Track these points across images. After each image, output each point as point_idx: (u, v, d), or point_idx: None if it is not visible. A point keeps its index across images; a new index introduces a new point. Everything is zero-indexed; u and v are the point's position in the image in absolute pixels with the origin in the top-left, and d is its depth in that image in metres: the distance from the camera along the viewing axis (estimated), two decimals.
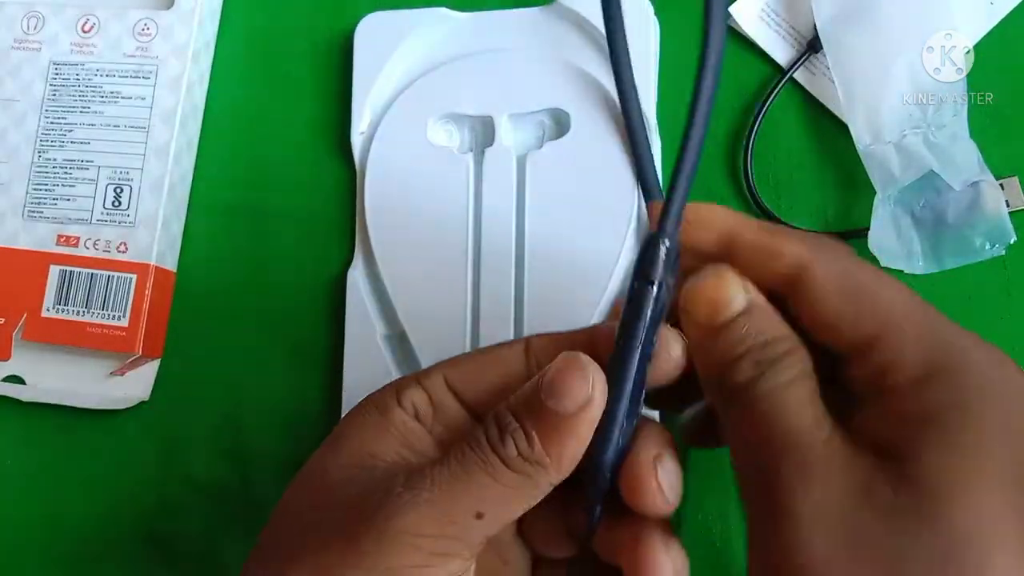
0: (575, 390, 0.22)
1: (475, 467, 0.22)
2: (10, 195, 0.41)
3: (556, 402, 0.22)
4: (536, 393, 0.22)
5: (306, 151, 0.41)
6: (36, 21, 0.42)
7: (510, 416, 0.23)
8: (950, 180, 0.34)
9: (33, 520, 0.40)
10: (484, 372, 0.25)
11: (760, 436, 0.22)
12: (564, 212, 0.36)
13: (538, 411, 0.22)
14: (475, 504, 0.22)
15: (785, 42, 0.39)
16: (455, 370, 0.25)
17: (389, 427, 0.24)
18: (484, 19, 0.39)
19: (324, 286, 0.40)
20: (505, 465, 0.22)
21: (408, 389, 0.25)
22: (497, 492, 0.22)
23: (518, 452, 0.22)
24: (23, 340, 0.39)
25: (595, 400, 0.22)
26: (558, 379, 0.22)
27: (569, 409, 0.22)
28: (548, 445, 0.22)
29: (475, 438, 0.23)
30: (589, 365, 0.22)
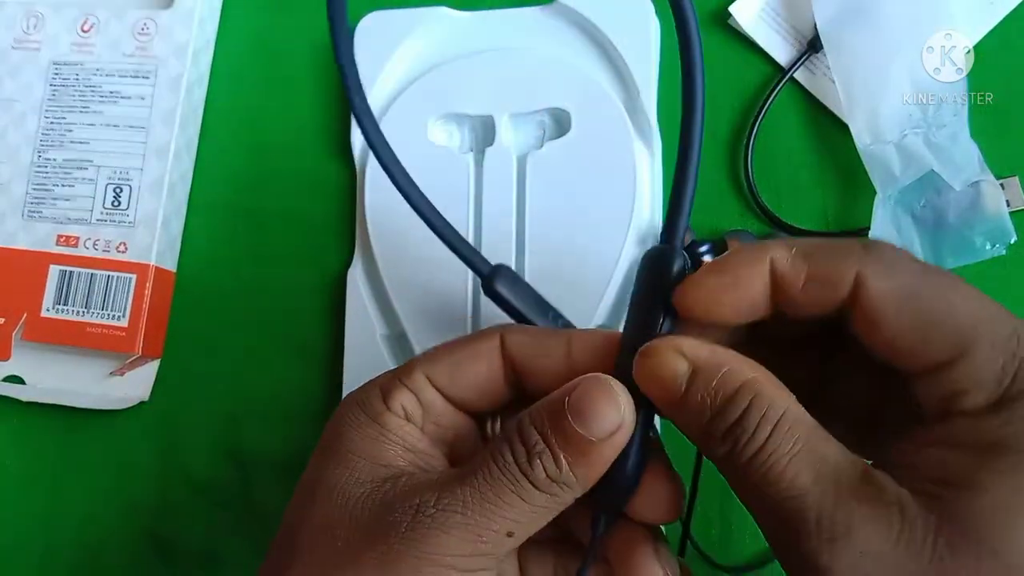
0: (606, 417, 0.22)
1: (505, 489, 0.22)
2: (10, 195, 0.41)
3: (586, 428, 0.22)
4: (563, 414, 0.22)
5: (306, 151, 0.41)
6: (36, 21, 0.42)
7: (536, 436, 0.22)
8: (950, 180, 0.34)
9: (33, 520, 0.40)
10: (462, 368, 0.25)
11: (760, 503, 0.21)
12: (564, 212, 0.36)
13: (566, 434, 0.22)
14: (506, 525, 0.22)
15: (785, 42, 0.39)
16: (434, 367, 0.25)
17: (386, 433, 0.24)
18: (484, 19, 0.39)
19: (324, 286, 0.39)
20: (535, 487, 0.22)
21: (394, 391, 0.25)
22: (525, 512, 0.22)
23: (547, 475, 0.22)
24: (23, 340, 0.39)
25: (625, 426, 0.22)
26: (587, 404, 0.22)
27: (600, 436, 0.22)
28: (575, 467, 0.22)
29: (501, 456, 0.23)
30: (619, 391, 0.22)
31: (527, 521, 0.23)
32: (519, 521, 0.22)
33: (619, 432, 0.22)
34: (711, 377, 0.22)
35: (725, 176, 0.38)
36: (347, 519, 0.23)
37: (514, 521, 0.22)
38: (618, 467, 0.23)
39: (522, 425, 0.23)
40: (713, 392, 0.22)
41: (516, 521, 0.22)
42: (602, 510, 0.24)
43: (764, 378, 0.22)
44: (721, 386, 0.22)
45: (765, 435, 0.21)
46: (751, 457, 0.21)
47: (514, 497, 0.22)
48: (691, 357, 0.22)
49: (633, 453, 0.23)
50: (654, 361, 0.22)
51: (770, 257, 0.22)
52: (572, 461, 0.22)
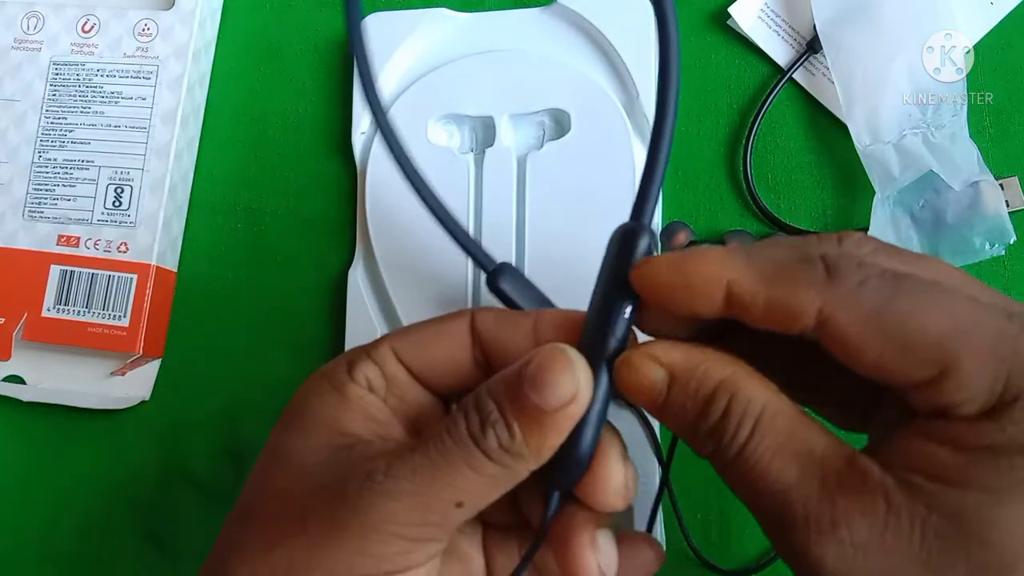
0: (561, 386, 0.22)
1: (456, 458, 0.22)
2: (10, 195, 0.41)
3: (540, 396, 0.22)
4: (519, 384, 0.22)
5: (306, 151, 0.41)
6: (36, 21, 0.42)
7: (492, 405, 0.22)
8: (950, 180, 0.34)
9: (33, 519, 0.40)
10: (430, 344, 0.25)
11: (751, 499, 0.21)
12: (564, 212, 0.36)
13: (521, 403, 0.22)
14: (456, 494, 0.22)
15: (784, 42, 0.39)
16: (402, 342, 0.25)
17: (348, 402, 0.24)
18: (484, 19, 0.39)
19: (324, 286, 0.40)
20: (486, 456, 0.22)
21: (359, 363, 0.25)
22: (476, 482, 0.22)
23: (499, 444, 0.22)
24: (23, 340, 0.40)
25: (580, 397, 0.22)
26: (543, 373, 0.22)
27: (553, 405, 0.22)
28: (529, 437, 0.22)
29: (454, 426, 0.22)
30: (576, 360, 0.22)
31: (478, 492, 0.22)
32: (469, 491, 0.22)
33: (573, 403, 0.22)
34: (687, 381, 0.22)
35: (724, 176, 0.38)
36: (300, 485, 0.23)
37: (464, 491, 0.22)
38: (571, 443, 0.23)
39: (479, 395, 0.23)
40: (691, 395, 0.22)
41: (466, 491, 0.22)
42: (553, 488, 0.24)
43: (741, 374, 0.22)
44: (698, 388, 0.22)
45: (746, 434, 0.21)
46: (735, 455, 0.21)
47: (464, 466, 0.22)
48: (666, 363, 0.22)
49: (587, 430, 0.23)
50: (632, 372, 0.22)
51: (727, 280, 0.21)
52: (525, 431, 0.22)
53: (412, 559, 0.22)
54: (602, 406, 0.23)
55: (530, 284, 0.31)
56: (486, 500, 0.23)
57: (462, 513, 0.22)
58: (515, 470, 0.22)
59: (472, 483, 0.22)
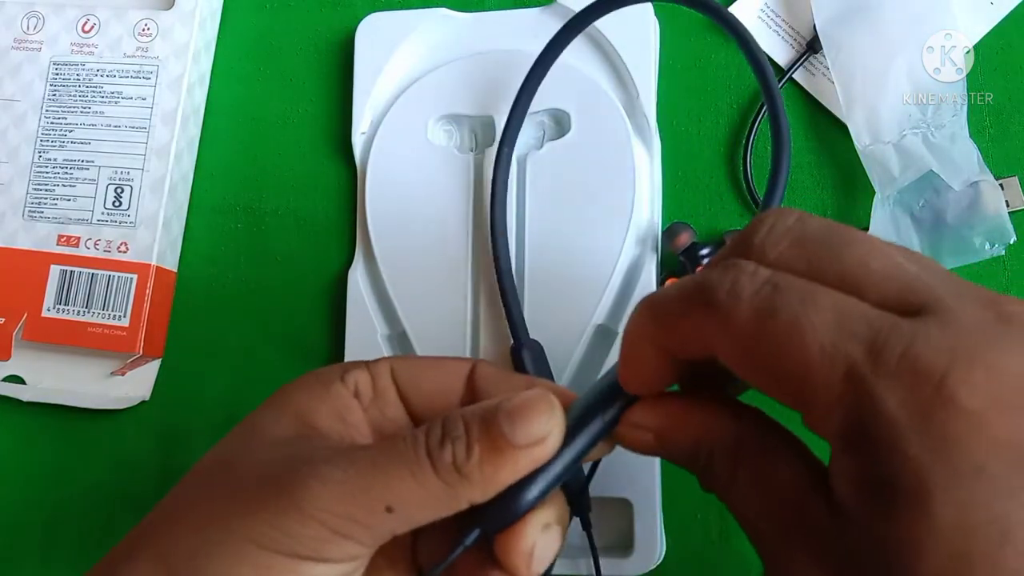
0: (534, 425, 0.22)
1: (399, 461, 0.22)
2: (10, 195, 0.41)
3: (511, 428, 0.22)
4: (494, 413, 0.22)
5: (306, 151, 0.41)
6: (36, 21, 0.42)
7: (460, 425, 0.22)
8: (950, 180, 0.34)
9: (33, 519, 0.40)
10: (427, 376, 0.26)
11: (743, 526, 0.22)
12: (564, 212, 0.36)
13: (490, 430, 0.22)
14: (387, 496, 0.22)
15: (784, 42, 0.39)
16: (402, 365, 0.26)
17: (326, 397, 0.25)
18: (484, 19, 0.39)
19: (324, 286, 0.40)
20: (432, 468, 0.22)
21: (355, 369, 0.25)
22: (413, 492, 0.22)
23: (452, 460, 0.22)
24: (23, 340, 0.40)
25: (548, 443, 0.22)
26: (522, 409, 0.22)
27: (520, 440, 0.22)
28: (485, 464, 0.22)
29: (412, 435, 0.23)
30: (558, 411, 0.23)
31: (413, 504, 0.22)
32: (402, 499, 0.22)
33: (540, 445, 0.22)
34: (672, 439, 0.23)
35: (724, 176, 0.38)
36: (250, 459, 0.23)
37: (397, 496, 0.22)
38: (516, 490, 0.23)
39: (450, 414, 0.23)
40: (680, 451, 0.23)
41: (399, 497, 0.22)
42: (478, 525, 0.23)
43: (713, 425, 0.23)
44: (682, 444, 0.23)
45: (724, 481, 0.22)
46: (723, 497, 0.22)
47: (404, 471, 0.22)
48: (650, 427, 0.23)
49: (536, 484, 0.23)
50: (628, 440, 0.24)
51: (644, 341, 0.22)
52: (483, 456, 0.22)
53: (329, 551, 0.22)
54: (562, 469, 0.23)
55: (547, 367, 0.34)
56: (419, 517, 0.22)
57: (391, 520, 0.22)
58: (457, 493, 0.22)
59: (408, 491, 0.22)
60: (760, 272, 0.20)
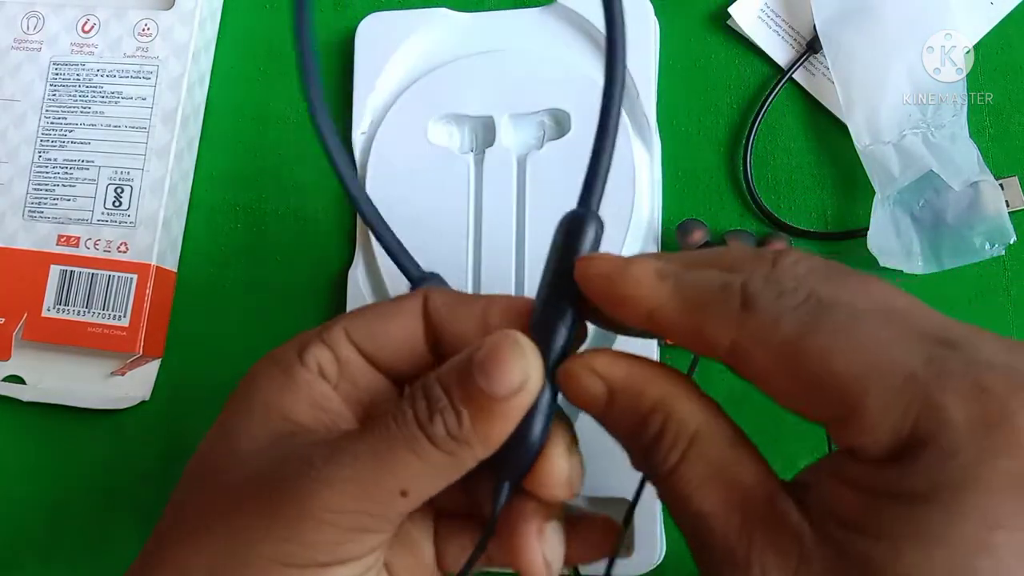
0: (511, 373, 0.21)
1: (399, 445, 0.21)
2: (10, 195, 0.41)
3: (489, 384, 0.21)
4: (468, 370, 0.22)
5: (306, 151, 0.41)
6: (36, 21, 0.42)
7: (440, 391, 0.22)
8: (950, 180, 0.34)
9: (33, 519, 0.40)
10: (383, 326, 0.25)
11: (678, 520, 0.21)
12: (564, 212, 0.36)
13: (470, 390, 0.21)
14: (399, 483, 0.21)
15: (784, 42, 0.39)
16: (355, 324, 0.25)
17: (295, 387, 0.24)
18: (484, 19, 0.39)
19: (324, 286, 0.40)
20: (431, 443, 0.21)
21: (311, 347, 0.24)
22: (421, 470, 0.22)
23: (446, 431, 0.21)
24: (23, 340, 0.40)
25: (530, 385, 0.22)
26: (492, 360, 0.21)
27: (502, 393, 0.21)
28: (477, 425, 0.21)
29: (400, 412, 0.22)
30: (527, 347, 0.22)
31: (423, 481, 0.22)
32: (413, 480, 0.22)
33: (523, 391, 0.21)
34: (625, 398, 0.22)
35: (724, 176, 0.38)
36: (237, 468, 0.23)
37: (407, 479, 0.21)
38: (521, 432, 0.22)
39: (427, 382, 0.22)
40: (628, 413, 0.22)
41: (410, 479, 0.22)
42: (502, 479, 0.23)
43: (679, 395, 0.22)
44: (635, 408, 0.22)
45: (676, 458, 0.21)
46: (665, 476, 0.21)
47: (408, 454, 0.21)
48: (605, 377, 0.22)
49: (536, 420, 0.22)
50: (574, 382, 0.22)
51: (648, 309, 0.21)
52: (474, 418, 0.21)
53: (349, 550, 0.22)
54: (551, 396, 0.23)
55: None
56: (431, 490, 0.22)
57: (406, 503, 0.22)
58: (461, 458, 0.22)
59: (416, 471, 0.21)
60: (803, 287, 0.20)
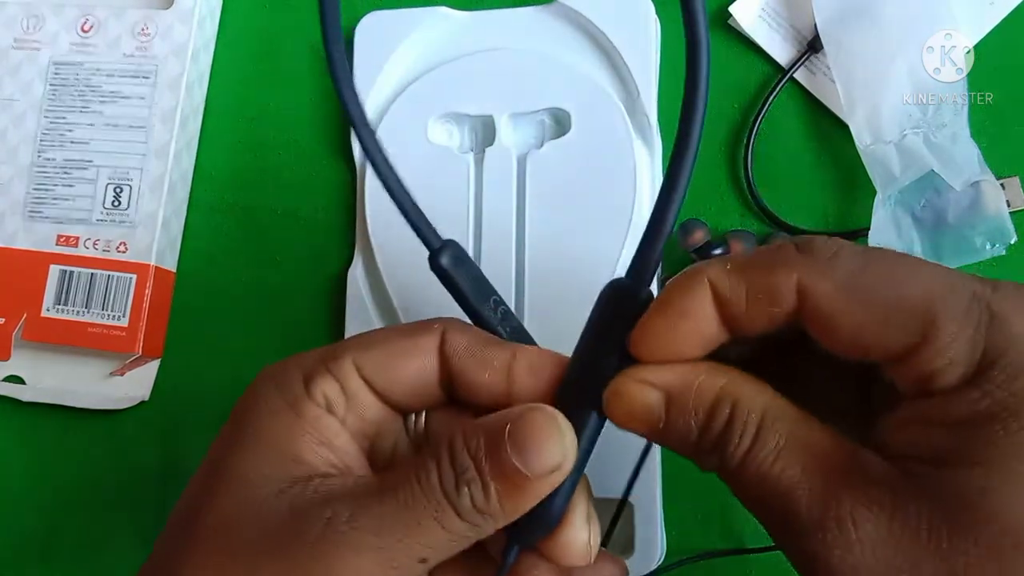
0: (548, 454, 0.21)
1: (425, 513, 0.21)
2: (10, 195, 0.41)
3: (524, 462, 0.21)
4: (501, 444, 0.21)
5: (306, 151, 0.41)
6: (36, 21, 0.42)
7: (468, 461, 0.21)
8: (950, 180, 0.34)
9: (33, 519, 0.40)
10: (396, 362, 0.24)
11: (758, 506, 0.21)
12: (564, 212, 0.36)
13: (501, 466, 0.21)
14: (421, 551, 0.21)
15: (785, 42, 0.39)
16: (366, 356, 0.24)
17: (303, 424, 0.23)
18: (484, 19, 0.39)
19: (324, 286, 0.40)
20: (456, 514, 0.21)
21: (318, 378, 0.23)
22: (444, 539, 0.21)
23: (472, 504, 0.21)
24: (23, 340, 0.39)
25: (565, 467, 0.21)
26: (531, 437, 0.21)
27: (538, 472, 0.21)
28: (505, 500, 0.21)
29: (426, 476, 0.21)
30: (566, 429, 0.21)
31: (443, 548, 0.21)
32: (435, 547, 0.21)
33: (558, 471, 0.21)
34: (686, 398, 0.21)
35: (725, 176, 0.38)
36: (251, 519, 0.22)
37: (430, 547, 0.21)
38: (544, 504, 0.22)
39: (454, 447, 0.21)
40: (693, 412, 0.21)
41: (432, 547, 0.21)
42: (515, 544, 0.23)
43: (738, 381, 0.21)
44: (699, 404, 0.21)
45: (749, 440, 0.21)
46: (740, 463, 0.21)
47: (432, 522, 0.21)
48: (660, 384, 0.21)
49: (562, 493, 0.22)
50: (626, 399, 0.22)
51: (707, 279, 0.21)
52: (503, 494, 0.21)
53: None
54: (578, 471, 0.22)
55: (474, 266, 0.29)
56: (448, 555, 0.22)
57: (424, 568, 0.22)
58: (483, 529, 0.22)
59: (439, 539, 0.21)
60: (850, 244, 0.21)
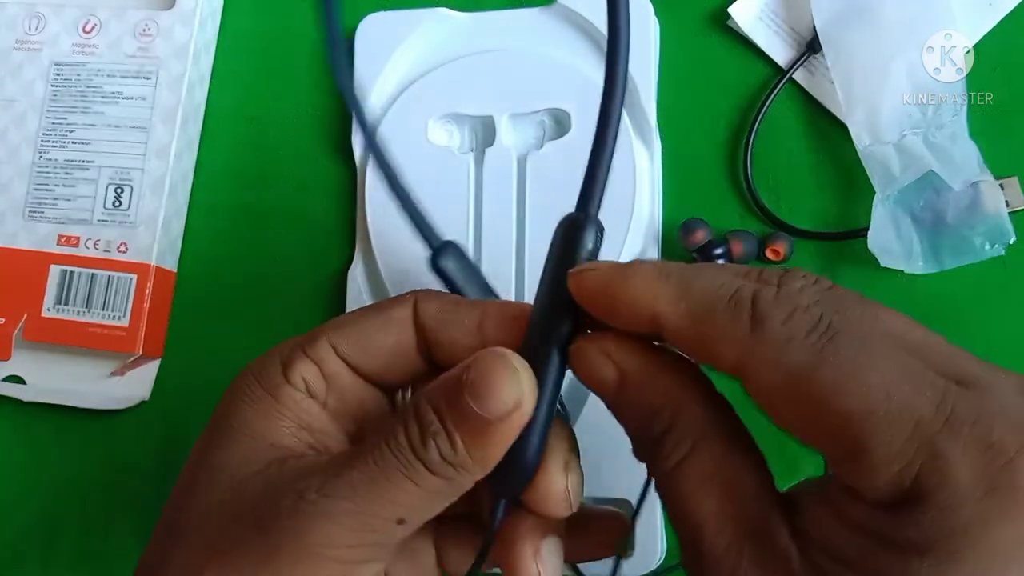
0: (503, 394, 0.21)
1: (396, 473, 0.21)
2: (11, 195, 0.41)
3: (482, 405, 0.21)
4: (460, 392, 0.21)
5: (306, 151, 0.41)
6: (37, 22, 0.42)
7: (432, 414, 0.21)
8: (950, 180, 0.34)
9: (33, 519, 0.40)
10: (372, 336, 0.24)
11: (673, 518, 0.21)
12: (564, 212, 0.36)
13: (462, 412, 0.21)
14: (397, 510, 0.21)
15: (784, 42, 0.39)
16: (341, 336, 0.24)
17: (281, 409, 0.23)
18: (484, 19, 0.39)
19: (324, 286, 0.40)
20: (428, 469, 0.21)
21: (296, 362, 0.23)
22: (419, 496, 0.21)
23: (441, 456, 0.21)
24: (23, 340, 0.39)
25: (524, 405, 0.21)
26: (484, 380, 0.21)
27: (496, 414, 0.21)
28: (472, 448, 0.21)
29: (394, 437, 0.21)
30: (520, 367, 0.21)
31: (421, 506, 0.21)
32: (411, 506, 0.21)
33: (517, 412, 0.21)
34: (636, 389, 0.21)
35: (725, 177, 0.38)
36: (230, 504, 0.22)
37: (405, 506, 0.21)
38: (516, 450, 0.22)
39: (417, 404, 0.22)
40: (638, 404, 0.21)
41: (408, 506, 0.21)
42: (498, 496, 0.23)
43: (690, 393, 0.21)
44: (646, 399, 0.21)
45: (679, 456, 0.21)
46: (665, 474, 0.21)
47: (406, 481, 0.21)
48: (618, 363, 0.22)
49: (532, 438, 0.22)
50: (586, 362, 0.22)
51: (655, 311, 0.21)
52: (468, 442, 0.21)
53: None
54: (547, 412, 0.22)
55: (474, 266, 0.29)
56: (429, 514, 0.22)
57: (404, 529, 0.21)
58: (459, 482, 0.21)
59: (414, 498, 0.21)
60: (815, 309, 0.19)
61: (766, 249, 0.36)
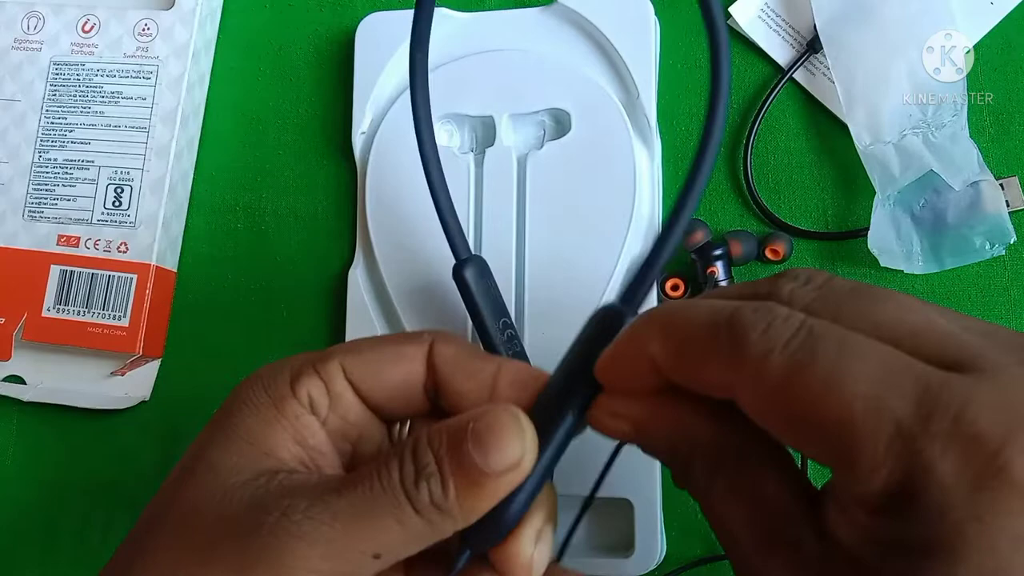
0: (506, 451, 0.21)
1: (382, 508, 0.21)
2: (10, 195, 0.41)
3: (483, 458, 0.21)
4: (463, 440, 0.21)
5: (306, 151, 0.41)
6: (36, 21, 0.42)
7: (430, 456, 0.21)
8: (950, 180, 0.34)
9: (33, 520, 0.40)
10: (383, 367, 0.24)
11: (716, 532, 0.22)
12: (564, 212, 0.36)
13: (461, 460, 0.21)
14: (374, 546, 0.21)
15: (785, 42, 0.39)
16: (354, 360, 0.24)
17: (282, 420, 0.23)
18: (484, 19, 0.39)
19: (324, 286, 0.40)
20: (414, 510, 0.21)
21: (305, 377, 0.24)
22: (399, 535, 0.21)
23: (430, 498, 0.21)
24: (23, 340, 0.39)
25: (523, 465, 0.21)
26: (492, 432, 0.21)
27: (495, 468, 0.21)
28: (462, 497, 0.21)
29: (387, 472, 0.21)
30: (527, 427, 0.21)
31: (398, 545, 0.21)
32: (389, 544, 0.21)
33: (516, 470, 0.21)
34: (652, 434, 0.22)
35: (725, 177, 0.38)
36: (215, 507, 0.22)
37: (383, 544, 0.21)
38: (500, 508, 0.22)
39: (417, 444, 0.22)
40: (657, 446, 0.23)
41: (386, 544, 0.21)
42: (467, 547, 0.23)
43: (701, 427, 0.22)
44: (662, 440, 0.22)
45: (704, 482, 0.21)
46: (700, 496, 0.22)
47: (388, 518, 0.21)
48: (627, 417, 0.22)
49: (518, 498, 0.22)
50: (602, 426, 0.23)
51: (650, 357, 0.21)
52: (461, 490, 0.21)
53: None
54: (540, 478, 0.22)
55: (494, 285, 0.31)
56: (405, 553, 0.22)
57: (378, 564, 0.21)
58: (440, 528, 0.22)
59: (393, 536, 0.21)
60: (794, 316, 0.19)
61: (765, 249, 0.36)
